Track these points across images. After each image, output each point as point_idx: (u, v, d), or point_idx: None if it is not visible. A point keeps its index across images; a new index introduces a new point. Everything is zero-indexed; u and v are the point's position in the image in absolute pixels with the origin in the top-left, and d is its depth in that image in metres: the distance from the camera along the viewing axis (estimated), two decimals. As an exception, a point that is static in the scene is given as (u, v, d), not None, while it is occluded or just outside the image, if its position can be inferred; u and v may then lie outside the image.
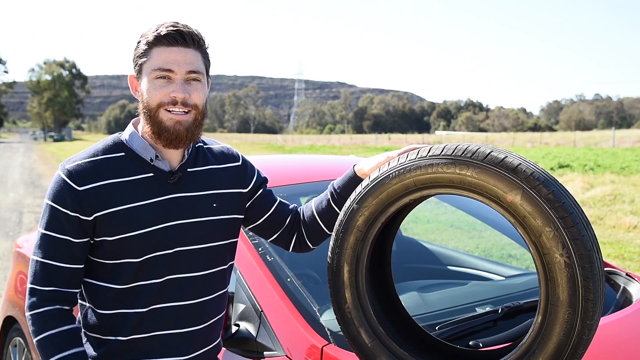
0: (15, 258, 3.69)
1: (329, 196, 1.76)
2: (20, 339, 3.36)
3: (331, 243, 1.66)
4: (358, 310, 1.64)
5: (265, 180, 1.80)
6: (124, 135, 1.61)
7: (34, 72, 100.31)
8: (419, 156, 1.50)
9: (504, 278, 2.88)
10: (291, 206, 1.84)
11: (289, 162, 3.40)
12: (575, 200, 1.38)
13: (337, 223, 1.65)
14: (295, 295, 1.98)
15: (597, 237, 1.39)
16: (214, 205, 1.63)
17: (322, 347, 1.78)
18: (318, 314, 1.95)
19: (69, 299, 1.54)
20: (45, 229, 1.51)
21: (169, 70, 1.49)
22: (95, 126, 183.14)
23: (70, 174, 1.50)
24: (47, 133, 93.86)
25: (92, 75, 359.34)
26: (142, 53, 1.52)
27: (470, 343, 1.82)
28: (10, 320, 3.52)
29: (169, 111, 1.51)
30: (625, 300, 2.25)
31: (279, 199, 1.83)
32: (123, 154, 1.56)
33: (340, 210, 1.71)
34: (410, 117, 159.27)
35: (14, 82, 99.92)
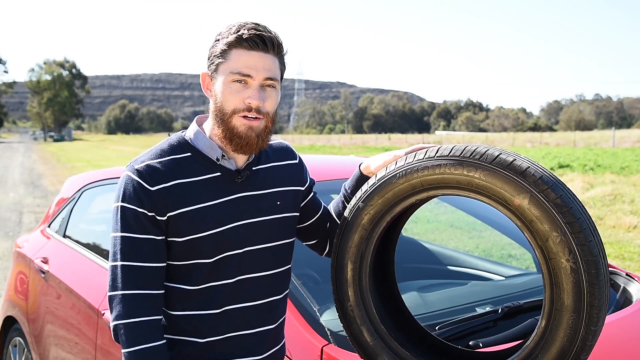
0: (15, 258, 3.69)
1: (342, 198, 1.77)
2: (20, 339, 3.36)
3: (335, 240, 1.66)
4: (360, 308, 1.64)
5: (313, 183, 1.80)
6: (189, 134, 1.57)
7: (34, 72, 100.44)
8: (426, 156, 1.49)
9: (504, 278, 2.88)
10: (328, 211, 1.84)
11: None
12: (582, 206, 1.37)
13: (342, 220, 1.65)
14: (295, 295, 1.98)
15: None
16: (278, 203, 1.62)
17: (322, 347, 1.78)
18: (318, 314, 1.95)
19: (158, 304, 1.50)
20: (126, 232, 1.46)
21: (248, 75, 1.46)
22: (95, 126, 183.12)
23: (141, 174, 1.47)
24: (47, 133, 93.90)
25: (92, 75, 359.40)
26: (220, 53, 1.48)
27: (470, 343, 1.82)
28: (10, 320, 3.52)
29: (242, 117, 1.48)
30: (625, 300, 2.25)
31: (323, 204, 1.82)
32: (189, 154, 1.53)
33: None
34: (410, 117, 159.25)
35: (14, 82, 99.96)
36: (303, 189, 1.72)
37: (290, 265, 1.69)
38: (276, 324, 1.65)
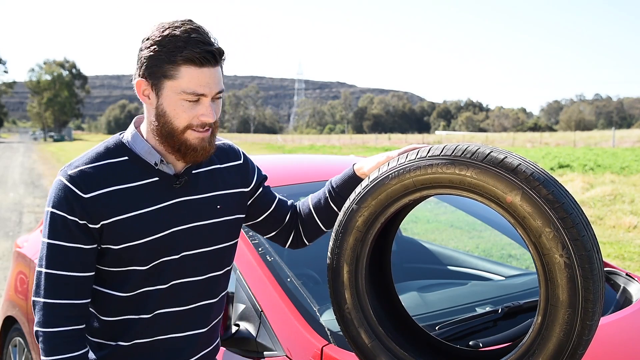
0: (15, 258, 3.69)
1: (327, 194, 1.75)
2: (20, 339, 3.36)
3: (331, 243, 1.66)
4: (358, 310, 1.64)
5: (265, 177, 1.78)
6: (126, 136, 1.53)
7: (34, 72, 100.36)
8: (418, 156, 1.50)
9: (504, 278, 2.88)
10: (289, 202, 1.82)
11: (289, 162, 3.40)
12: (575, 201, 1.38)
13: (336, 223, 1.65)
14: (295, 295, 1.98)
15: (597, 237, 1.39)
16: (218, 207, 1.59)
17: (322, 347, 1.78)
18: (318, 314, 1.95)
19: (83, 313, 1.48)
20: (53, 239, 1.43)
21: (202, 95, 1.42)
22: (95, 126, 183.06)
23: (74, 180, 1.43)
24: (47, 133, 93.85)
25: (92, 75, 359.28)
26: (166, 66, 1.40)
27: (470, 343, 1.82)
28: (10, 320, 3.52)
29: (195, 130, 1.45)
30: (625, 300, 2.25)
31: (278, 196, 1.81)
32: (126, 157, 1.49)
33: (337, 208, 1.71)
34: (410, 117, 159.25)
35: (14, 82, 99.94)
36: (248, 190, 1.70)
37: (230, 267, 1.67)
38: (208, 327, 1.63)
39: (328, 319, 1.92)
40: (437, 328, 1.91)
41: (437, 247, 3.54)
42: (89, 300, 1.49)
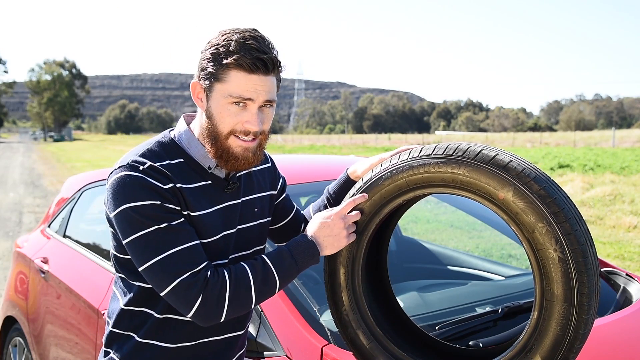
0: (15, 258, 3.69)
1: (325, 201, 1.77)
2: (20, 339, 3.36)
3: None
4: (355, 312, 1.65)
5: (285, 182, 1.79)
6: (178, 135, 1.52)
7: (34, 72, 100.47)
8: (410, 156, 1.51)
9: (504, 278, 2.88)
10: (304, 212, 1.84)
11: (290, 162, 3.40)
12: (567, 196, 1.39)
13: None
14: (295, 295, 1.98)
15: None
16: (256, 209, 1.61)
17: (322, 347, 1.78)
18: (318, 314, 1.95)
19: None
20: (151, 226, 1.36)
21: (248, 99, 1.40)
22: (95, 126, 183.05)
23: (148, 173, 1.39)
24: (47, 133, 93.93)
25: (92, 75, 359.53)
26: (217, 71, 1.40)
27: (470, 343, 1.82)
28: (10, 320, 3.53)
29: (239, 137, 1.44)
30: (625, 300, 2.26)
31: (296, 205, 1.82)
32: (182, 160, 1.47)
33: None
34: (410, 117, 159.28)
35: (14, 82, 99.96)
36: (276, 192, 1.71)
37: None
38: (244, 330, 1.65)
39: (328, 319, 1.92)
40: (437, 328, 1.91)
41: (437, 247, 3.54)
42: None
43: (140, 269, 1.40)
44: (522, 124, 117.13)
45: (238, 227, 1.55)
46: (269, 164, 1.72)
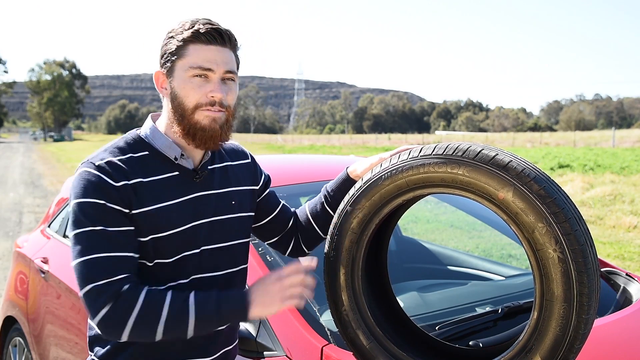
0: (15, 258, 3.69)
1: (323, 199, 1.77)
2: (20, 339, 3.36)
3: (326, 246, 1.67)
4: (355, 312, 1.65)
5: (269, 179, 1.80)
6: (144, 131, 1.54)
7: (34, 72, 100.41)
8: (410, 156, 1.51)
9: (504, 278, 2.88)
10: (292, 210, 1.84)
11: (289, 162, 3.40)
12: (567, 196, 1.39)
13: (331, 226, 1.66)
14: (295, 295, 1.98)
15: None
16: (233, 202, 1.62)
17: (322, 347, 1.78)
18: (318, 314, 1.95)
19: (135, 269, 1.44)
20: (87, 226, 1.38)
21: (208, 69, 1.44)
22: (95, 126, 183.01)
23: (103, 169, 1.42)
24: (47, 133, 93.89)
25: (92, 75, 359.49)
26: (176, 49, 1.45)
27: (470, 343, 1.82)
28: (10, 320, 3.53)
29: (206, 110, 1.46)
30: (625, 300, 2.26)
31: (282, 201, 1.82)
32: (146, 152, 1.50)
33: (333, 213, 1.72)
34: (410, 117, 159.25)
35: (14, 82, 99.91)
36: (257, 188, 1.73)
37: (246, 266, 1.68)
38: (229, 324, 1.61)
39: (328, 319, 1.92)
40: (437, 328, 1.91)
41: (437, 247, 3.54)
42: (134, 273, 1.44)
43: (71, 265, 1.43)
44: (522, 124, 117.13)
45: (212, 218, 1.56)
46: (249, 160, 1.73)
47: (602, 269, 2.52)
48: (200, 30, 1.44)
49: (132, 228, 1.44)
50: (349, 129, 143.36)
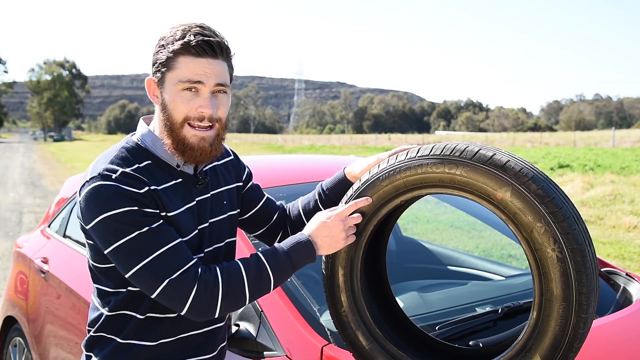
0: (15, 258, 3.69)
1: (317, 197, 1.77)
2: (20, 339, 3.36)
3: None
4: (354, 313, 1.65)
5: (251, 172, 1.81)
6: (140, 138, 1.52)
7: (34, 72, 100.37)
8: (408, 157, 1.51)
9: (504, 278, 2.88)
10: (278, 203, 1.85)
11: (289, 162, 3.40)
12: (565, 195, 1.39)
13: None
14: (295, 295, 1.98)
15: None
16: (225, 202, 1.63)
17: (322, 347, 1.78)
18: (318, 314, 1.95)
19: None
20: (133, 232, 1.36)
21: (198, 82, 1.41)
22: (95, 126, 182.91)
23: (121, 180, 1.39)
24: (47, 133, 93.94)
25: (92, 75, 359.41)
26: (165, 60, 1.42)
27: (470, 343, 1.82)
28: (10, 320, 3.53)
29: (193, 127, 1.44)
30: (625, 300, 2.26)
31: (266, 194, 1.83)
32: (149, 161, 1.48)
33: None
34: (410, 117, 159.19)
35: (14, 82, 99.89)
36: (241, 184, 1.73)
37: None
38: (224, 322, 1.66)
39: (328, 319, 1.92)
40: (437, 328, 1.91)
41: (437, 247, 3.54)
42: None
43: (127, 275, 1.40)
44: (522, 124, 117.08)
45: (210, 220, 1.57)
46: (232, 157, 1.74)
47: (602, 269, 2.52)
48: (191, 43, 1.40)
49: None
50: (349, 129, 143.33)
